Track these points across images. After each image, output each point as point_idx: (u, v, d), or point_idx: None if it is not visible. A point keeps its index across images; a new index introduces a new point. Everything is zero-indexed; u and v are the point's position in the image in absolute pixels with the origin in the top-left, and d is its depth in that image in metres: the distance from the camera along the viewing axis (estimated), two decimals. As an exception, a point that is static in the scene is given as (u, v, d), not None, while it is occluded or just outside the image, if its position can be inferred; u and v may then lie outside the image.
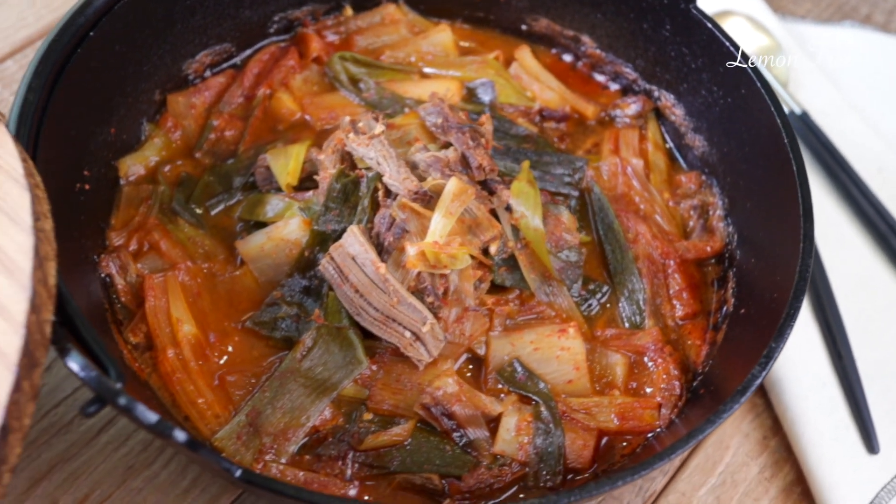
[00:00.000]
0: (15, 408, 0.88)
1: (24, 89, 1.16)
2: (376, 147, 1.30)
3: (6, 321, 0.91)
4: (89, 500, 1.28)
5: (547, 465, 1.19)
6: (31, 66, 1.18)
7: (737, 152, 1.40)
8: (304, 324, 1.26)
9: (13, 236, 0.97)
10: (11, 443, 0.88)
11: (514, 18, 1.63)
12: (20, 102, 1.15)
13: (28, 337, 0.90)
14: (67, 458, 1.32)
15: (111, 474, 1.31)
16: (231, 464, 0.96)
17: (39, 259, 0.95)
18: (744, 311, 1.29)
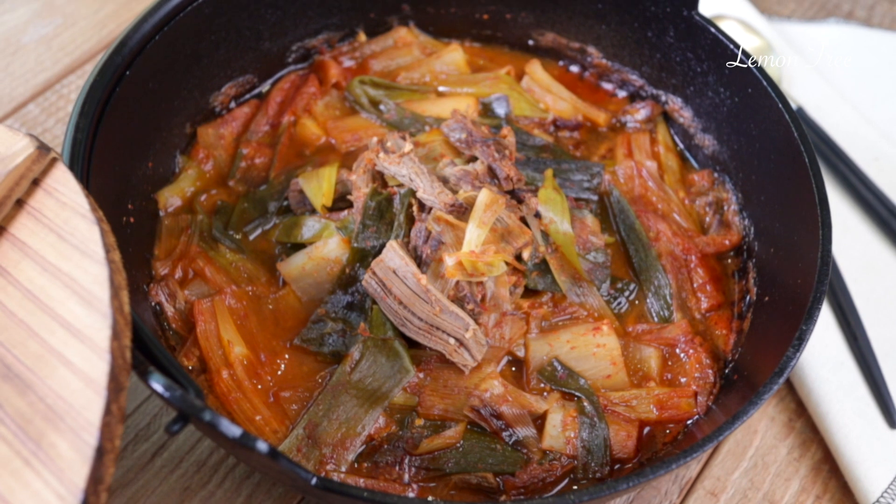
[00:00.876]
0: (107, 430, 0.92)
1: (73, 129, 1.21)
2: (407, 164, 1.36)
3: (91, 349, 0.96)
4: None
5: (594, 457, 1.25)
6: (77, 106, 1.23)
7: (747, 148, 1.47)
8: (350, 338, 1.31)
9: (87, 268, 1.02)
10: (106, 463, 0.92)
11: (521, 34, 1.69)
12: (70, 142, 1.20)
13: (113, 362, 0.95)
14: (125, 483, 1.36)
15: (168, 496, 1.35)
16: (308, 472, 1.00)
17: (115, 288, 1.00)
18: (767, 298, 1.35)
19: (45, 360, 0.98)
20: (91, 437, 0.91)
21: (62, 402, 0.94)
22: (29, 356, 0.99)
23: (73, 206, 1.07)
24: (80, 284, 1.01)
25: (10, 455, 0.94)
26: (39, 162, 1.12)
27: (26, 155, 1.10)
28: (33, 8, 1.90)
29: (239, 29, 1.52)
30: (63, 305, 1.00)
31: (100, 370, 0.94)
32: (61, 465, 0.91)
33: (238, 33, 1.52)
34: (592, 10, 1.60)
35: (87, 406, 0.93)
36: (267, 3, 1.53)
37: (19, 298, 1.04)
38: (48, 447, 0.92)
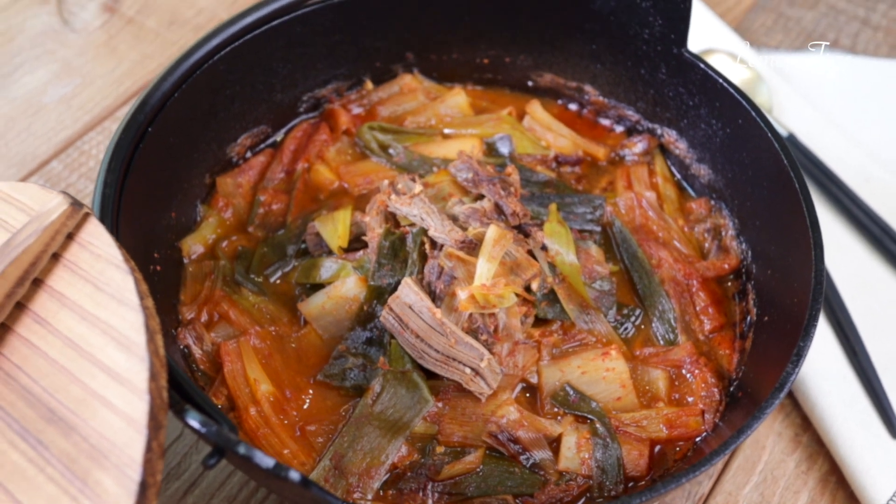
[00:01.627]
0: (149, 465, 0.98)
1: (101, 185, 1.28)
2: (418, 205, 1.43)
3: (131, 391, 1.02)
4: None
5: (609, 476, 1.31)
6: (104, 163, 1.31)
7: (741, 176, 1.54)
8: (370, 371, 1.37)
9: (124, 315, 1.08)
10: (149, 497, 0.98)
11: (521, 76, 1.77)
12: (100, 197, 1.27)
13: (152, 402, 1.01)
14: (161, 520, 1.42)
15: (200, 532, 1.41)
16: (339, 499, 1.06)
17: (150, 333, 1.07)
18: (767, 318, 1.42)
19: (87, 403, 1.04)
20: (135, 473, 0.97)
21: (105, 441, 1.00)
22: (71, 400, 1.05)
23: (107, 258, 1.14)
24: (118, 331, 1.07)
25: (58, 493, 1.00)
26: (73, 217, 1.19)
27: (61, 211, 1.18)
28: (52, 69, 1.99)
29: (252, 83, 1.60)
30: (102, 351, 1.07)
31: (140, 410, 1.01)
32: (107, 501, 0.97)
33: (252, 87, 1.60)
34: (587, 50, 1.68)
35: (130, 444, 0.99)
36: (278, 58, 1.61)
37: (60, 346, 1.10)
38: (94, 484, 0.98)
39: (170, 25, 2.08)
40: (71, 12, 2.10)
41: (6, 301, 1.15)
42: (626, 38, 1.62)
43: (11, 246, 1.16)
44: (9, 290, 1.14)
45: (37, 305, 1.15)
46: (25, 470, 1.03)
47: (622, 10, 1.59)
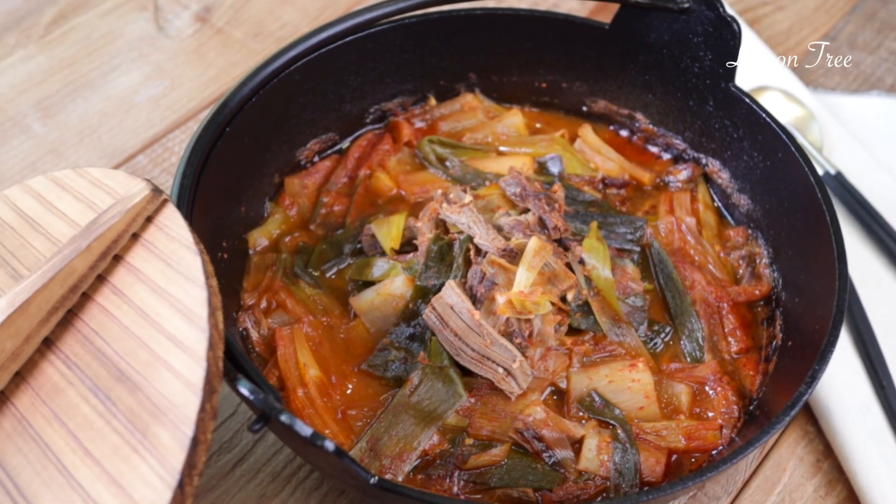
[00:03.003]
0: (202, 423, 1.10)
1: (181, 176, 1.41)
2: (467, 214, 1.53)
3: (191, 357, 1.15)
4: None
5: (625, 479, 1.39)
6: (184, 157, 1.44)
7: (777, 208, 1.61)
8: (411, 365, 1.48)
9: (190, 291, 1.21)
10: (199, 452, 1.10)
11: (576, 101, 1.87)
12: (178, 187, 1.40)
13: (208, 369, 1.13)
14: (209, 488, 1.53)
15: (246, 502, 1.52)
16: (368, 471, 1.16)
17: (212, 308, 1.19)
18: (790, 343, 1.49)
19: (153, 366, 1.16)
20: (188, 430, 1.09)
21: (166, 400, 1.13)
22: (139, 362, 1.18)
23: (180, 240, 1.27)
24: (184, 304, 1.20)
25: (121, 443, 1.12)
26: (153, 202, 1.32)
27: (143, 196, 1.31)
28: (145, 72, 2.15)
29: (324, 93, 1.73)
30: (169, 321, 1.19)
31: (197, 375, 1.13)
32: (163, 452, 1.09)
33: (323, 97, 1.73)
34: (640, 80, 1.77)
35: (186, 404, 1.11)
36: (350, 71, 1.74)
37: (132, 315, 1.23)
38: (152, 437, 1.11)
39: (255, 37, 2.23)
40: (166, 20, 2.26)
41: (89, 273, 1.28)
42: (677, 70, 1.71)
43: (97, 224, 1.30)
44: (92, 263, 1.28)
45: (115, 278, 1.29)
46: (94, 422, 1.15)
47: (675, 44, 1.68)
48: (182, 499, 1.07)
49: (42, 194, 1.45)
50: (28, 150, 1.98)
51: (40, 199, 1.45)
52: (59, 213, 1.41)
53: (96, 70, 2.14)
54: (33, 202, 1.45)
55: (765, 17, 2.37)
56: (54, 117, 2.04)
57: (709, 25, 1.62)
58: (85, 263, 1.27)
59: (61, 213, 1.40)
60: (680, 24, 1.65)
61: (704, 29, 1.63)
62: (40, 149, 1.99)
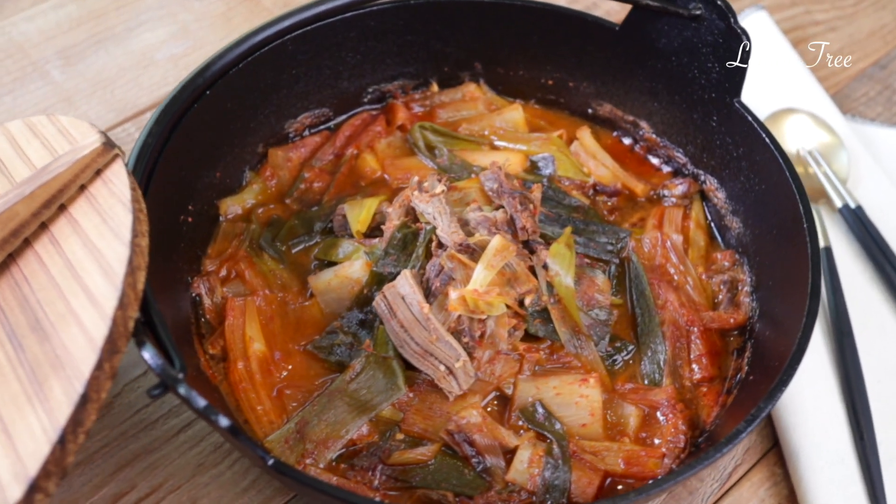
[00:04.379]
0: (95, 382, 1.09)
1: (145, 134, 1.40)
2: (434, 204, 1.49)
3: (99, 314, 1.13)
4: (162, 489, 1.47)
5: (552, 496, 1.33)
6: (153, 116, 1.43)
7: (766, 235, 1.53)
8: (356, 351, 1.44)
9: (115, 248, 1.20)
10: (89, 410, 1.08)
11: (582, 102, 1.80)
12: (139, 145, 1.39)
13: (113, 328, 1.12)
14: (150, 450, 1.52)
15: (184, 469, 1.50)
16: (265, 451, 1.14)
17: (132, 268, 1.17)
18: (752, 377, 1.41)
19: (65, 319, 1.15)
20: (80, 386, 1.07)
21: (67, 354, 1.11)
22: (55, 314, 1.17)
23: (118, 196, 1.26)
24: (107, 260, 1.19)
25: (20, 392, 1.11)
26: (104, 155, 1.31)
27: (93, 148, 1.31)
28: (170, 30, 2.15)
29: (319, 67, 1.70)
30: (90, 276, 1.18)
31: (101, 332, 1.11)
32: (53, 406, 1.08)
33: (318, 71, 1.70)
34: (647, 87, 1.70)
35: (84, 360, 1.10)
36: (348, 48, 1.71)
37: (61, 266, 1.22)
38: (48, 389, 1.10)
39: (284, 6, 2.21)
40: (202, -19, 2.27)
41: (32, 219, 1.28)
42: (684, 80, 1.63)
43: (45, 172, 1.30)
44: (35, 209, 1.28)
45: (56, 228, 1.28)
46: (3, 367, 1.15)
47: (684, 53, 1.60)
48: (62, 455, 1.06)
49: (15, 138, 1.46)
50: (43, 96, 2.01)
51: (13, 142, 1.45)
52: (25, 157, 1.41)
53: (123, 24, 2.15)
54: (6, 145, 1.46)
55: (814, 36, 2.25)
56: (74, 66, 2.06)
57: (719, 36, 1.54)
58: (28, 209, 1.27)
59: (27, 158, 1.41)
60: (690, 32, 1.58)
61: (714, 39, 1.55)
62: (55, 96, 2.01)
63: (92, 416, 1.09)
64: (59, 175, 1.28)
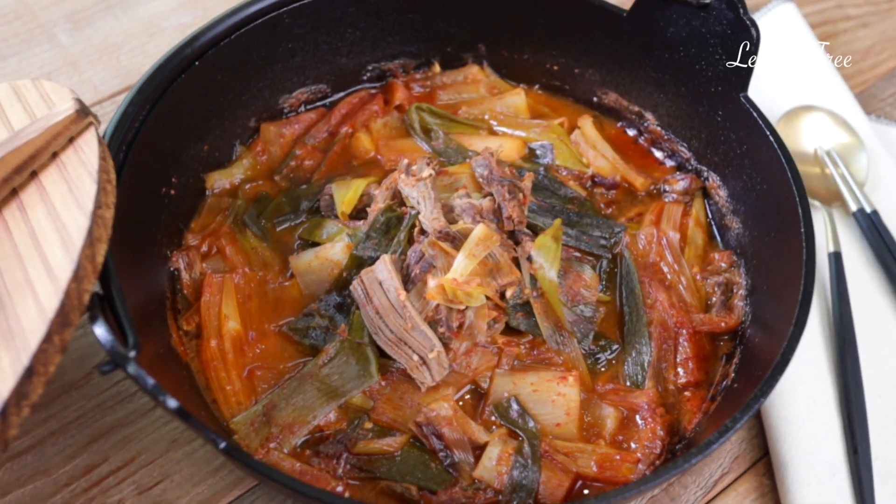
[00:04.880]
0: (42, 355, 1.06)
1: (126, 103, 1.37)
2: (420, 188, 1.44)
3: (54, 286, 1.11)
4: (134, 462, 1.45)
5: (518, 496, 1.29)
6: (138, 84, 1.40)
7: (765, 237, 1.46)
8: (331, 336, 1.41)
9: (76, 219, 1.17)
10: (35, 383, 1.06)
11: (587, 90, 1.74)
12: (119, 114, 1.36)
13: (66, 300, 1.09)
14: (125, 423, 1.50)
15: (158, 444, 1.48)
16: (216, 435, 1.11)
17: (91, 239, 1.15)
18: (737, 385, 1.35)
19: (22, 289, 1.13)
20: (25, 358, 1.05)
21: (19, 325, 1.09)
22: (13, 282, 1.15)
23: (86, 166, 1.23)
24: (67, 231, 1.16)
25: (-29, 361, 1.10)
26: (77, 123, 1.29)
27: (66, 115, 1.28)
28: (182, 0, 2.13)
29: (317, 42, 1.65)
30: (50, 247, 1.16)
31: (52, 305, 1.09)
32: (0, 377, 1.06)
33: (316, 46, 1.66)
34: (653, 77, 1.64)
35: (34, 332, 1.07)
36: (347, 23, 1.66)
37: (25, 234, 1.20)
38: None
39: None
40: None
41: (3, 185, 1.26)
42: (691, 72, 1.56)
43: (18, 137, 1.27)
44: (5, 175, 1.25)
45: (25, 194, 1.26)
46: (-42, 334, 1.13)
47: (692, 43, 1.54)
48: (4, 428, 1.04)
49: (1, 101, 1.44)
50: (48, 59, 1.99)
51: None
52: (6, 120, 1.39)
53: (135, -10, 2.13)
54: (-9, 108, 1.44)
55: (844, 32, 2.16)
56: (81, 31, 2.04)
57: (727, 27, 1.48)
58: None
59: (7, 122, 1.39)
60: (699, 22, 1.51)
61: (723, 30, 1.49)
62: (60, 60, 1.99)
63: (38, 390, 1.07)
64: (30, 141, 1.26)
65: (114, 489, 1.44)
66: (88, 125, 1.30)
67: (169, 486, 1.45)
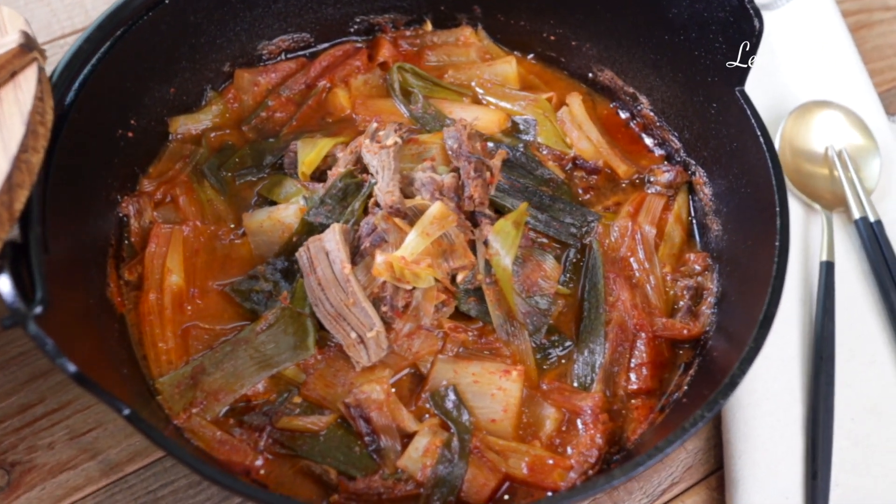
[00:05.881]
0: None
1: (82, 39, 1.31)
2: (381, 157, 1.37)
3: (-34, 229, 1.07)
4: (70, 407, 1.43)
5: (440, 491, 1.23)
6: (97, 20, 1.34)
7: (741, 244, 1.38)
8: (273, 301, 1.36)
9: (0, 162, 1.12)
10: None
11: (583, 65, 1.65)
12: (72, 51, 1.29)
13: (-25, 248, 1.05)
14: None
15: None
16: (120, 402, 1.06)
17: (10, 184, 1.10)
18: (686, 400, 1.28)
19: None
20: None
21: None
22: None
23: (20, 104, 1.18)
24: (-11, 174, 1.11)
25: None
26: (20, 58, 1.23)
27: (8, 49, 1.22)
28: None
29: (299, -13, 1.58)
30: (-28, 188, 1.11)
31: (-41, 249, 1.05)
32: None
33: (298, -9, 1.58)
34: (651, 59, 1.54)
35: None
36: (333, -31, 1.58)
37: (-47, 174, 1.16)
38: None
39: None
40: None
41: (-61, 115, 1.21)
42: (690, 57, 1.46)
43: (-41, 68, 1.22)
44: (-59, 105, 1.21)
45: (-40, 130, 1.21)
46: None
47: (693, 27, 1.44)
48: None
49: (-40, 25, 1.39)
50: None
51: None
52: (-39, 47, 1.34)
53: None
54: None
55: (879, 23, 2.03)
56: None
57: (730, 14, 1.37)
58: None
59: (-38, 48, 1.33)
60: (702, 5, 1.41)
61: (725, 17, 1.38)
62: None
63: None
64: (-33, 74, 1.21)
65: (46, 431, 1.42)
66: (31, 61, 1.24)
67: (101, 434, 1.42)
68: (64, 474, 1.38)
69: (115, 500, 1.37)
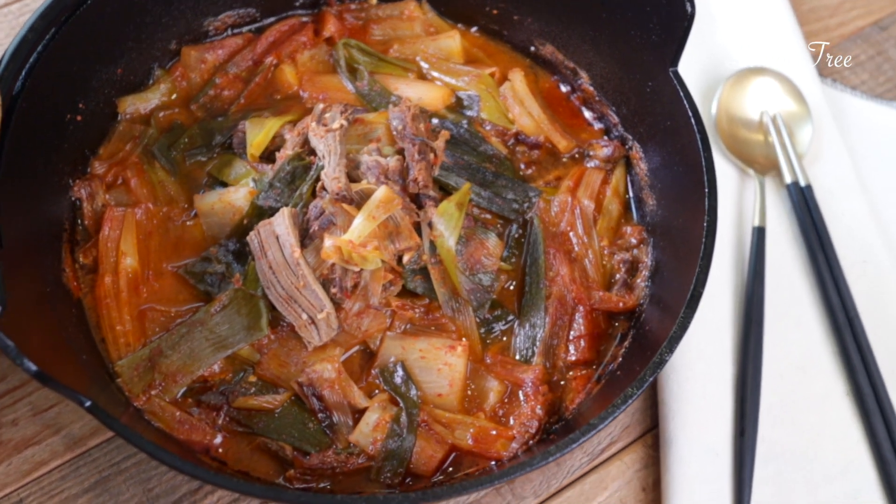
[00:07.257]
0: None
1: (26, 28, 1.32)
2: (327, 141, 1.41)
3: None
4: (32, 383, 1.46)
5: (390, 464, 1.31)
6: (40, 8, 1.34)
7: (673, 220, 1.44)
8: (226, 283, 1.40)
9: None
10: None
11: (525, 39, 1.68)
12: (17, 41, 1.30)
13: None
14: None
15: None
16: (82, 396, 1.10)
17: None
18: (619, 372, 1.35)
19: None
20: None
21: None
22: None
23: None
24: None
25: None
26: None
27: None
28: None
29: (242, -39, 1.58)
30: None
31: None
32: None
33: (241, -35, 1.59)
34: (590, 35, 1.58)
35: None
36: (279, -59, 1.58)
37: None
38: None
39: None
40: None
41: None
42: (626, 36, 1.51)
43: None
44: None
45: None
46: None
47: (629, 7, 1.48)
48: None
49: None
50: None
51: None
52: None
53: None
54: None
55: (817, -17, 2.08)
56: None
57: (664, -4, 1.41)
58: None
59: None
60: (638, -15, 1.45)
61: (659, 0, 1.42)
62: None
63: None
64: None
65: (9, 409, 1.46)
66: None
67: (64, 409, 1.46)
68: (29, 450, 1.43)
69: (81, 474, 1.42)
